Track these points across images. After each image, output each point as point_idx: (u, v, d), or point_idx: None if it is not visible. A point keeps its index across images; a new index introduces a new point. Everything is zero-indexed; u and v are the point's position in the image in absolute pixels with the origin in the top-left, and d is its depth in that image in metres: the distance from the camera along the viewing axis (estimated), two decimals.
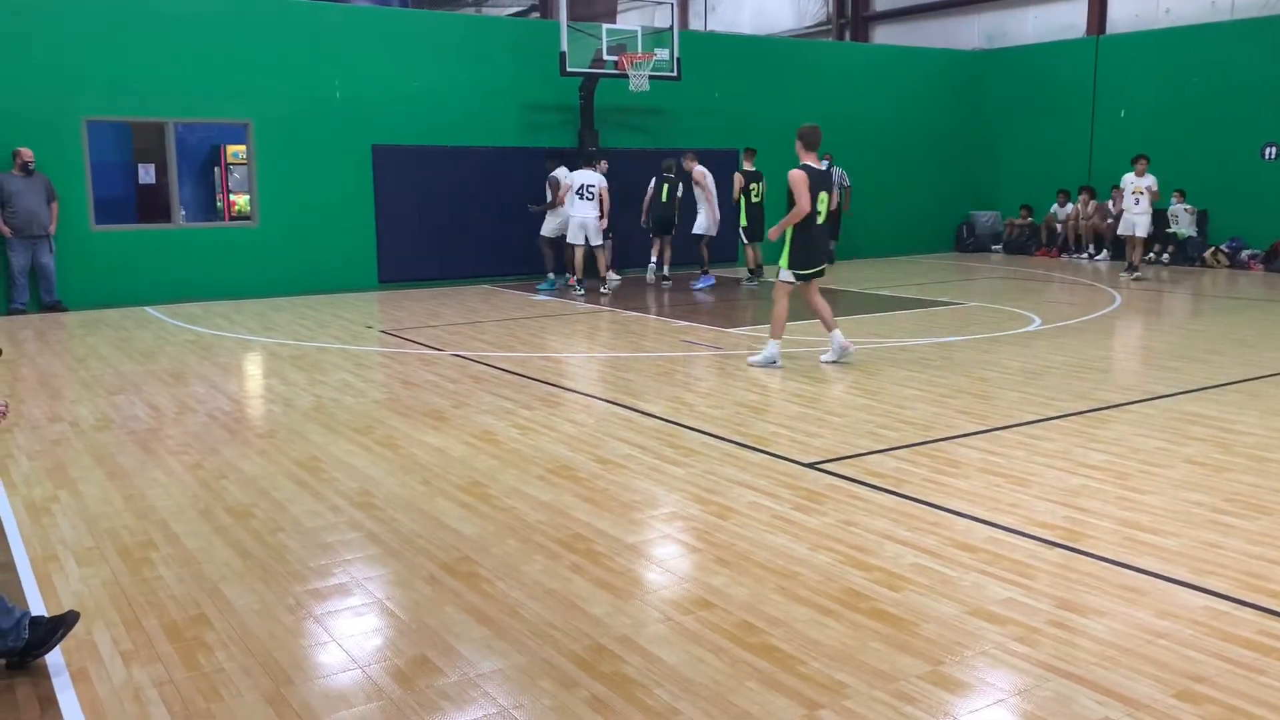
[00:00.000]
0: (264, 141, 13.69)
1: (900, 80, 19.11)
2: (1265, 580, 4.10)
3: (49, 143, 12.44)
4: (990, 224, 20.06)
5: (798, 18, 24.09)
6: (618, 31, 15.53)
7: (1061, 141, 19.08)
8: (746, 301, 13.27)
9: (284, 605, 3.96)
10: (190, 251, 13.48)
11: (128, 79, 12.82)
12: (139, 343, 10.16)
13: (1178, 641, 3.57)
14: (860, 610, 3.85)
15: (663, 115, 16.57)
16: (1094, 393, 7.54)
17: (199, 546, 4.60)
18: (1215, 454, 5.92)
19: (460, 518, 4.94)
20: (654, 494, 5.31)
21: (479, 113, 15.10)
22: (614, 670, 3.41)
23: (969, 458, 5.89)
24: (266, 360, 9.32)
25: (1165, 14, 17.96)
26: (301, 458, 6.02)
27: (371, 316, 12.02)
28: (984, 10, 20.72)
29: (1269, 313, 11.81)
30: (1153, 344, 9.63)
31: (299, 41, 13.81)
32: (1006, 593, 4.00)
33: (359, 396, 7.69)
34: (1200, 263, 16.67)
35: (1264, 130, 16.27)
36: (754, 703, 3.19)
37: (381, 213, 14.55)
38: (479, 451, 6.11)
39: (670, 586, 4.14)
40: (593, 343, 10.19)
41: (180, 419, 7.01)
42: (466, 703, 3.22)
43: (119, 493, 5.38)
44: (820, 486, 5.39)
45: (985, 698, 3.22)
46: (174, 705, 3.21)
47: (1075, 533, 4.65)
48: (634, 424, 6.75)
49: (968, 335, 10.18)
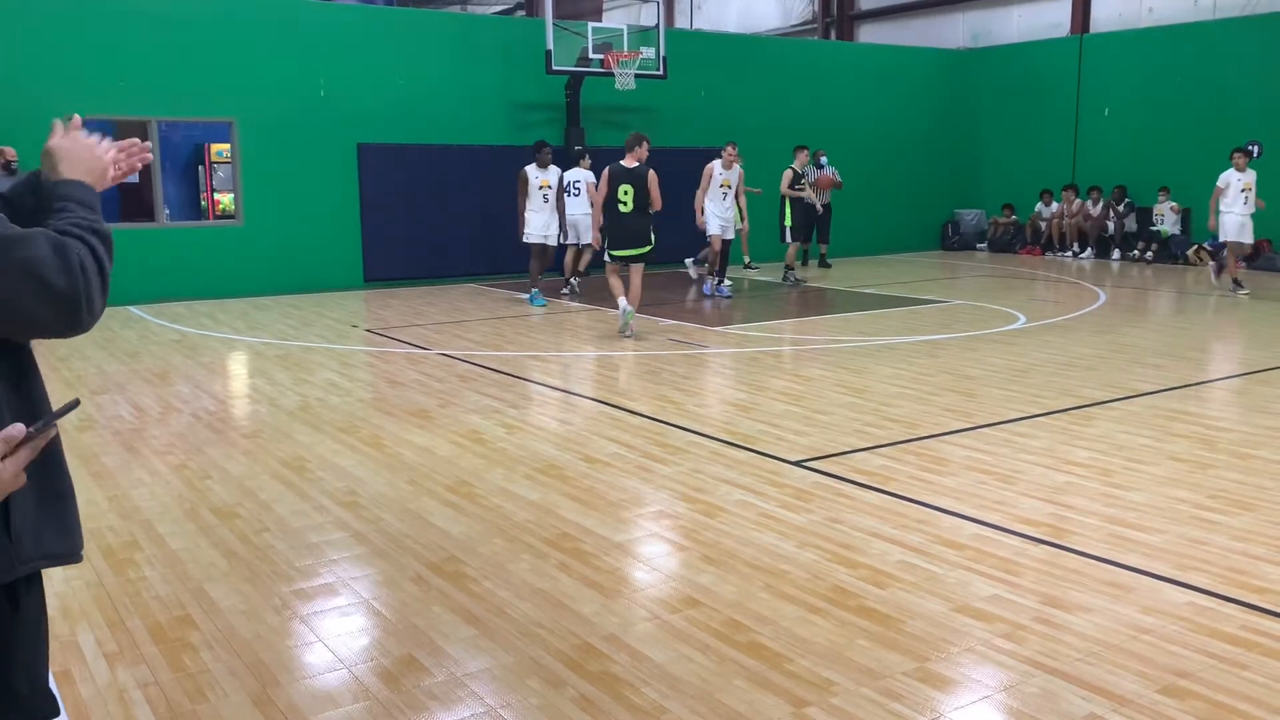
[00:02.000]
0: (248, 140, 13.63)
1: (886, 79, 19.15)
2: (1249, 576, 4.13)
3: (30, 142, 12.33)
4: (975, 222, 20.14)
5: (784, 16, 24.11)
6: (604, 30, 15.53)
7: (1046, 140, 19.16)
8: (744, 301, 13.28)
9: (270, 605, 3.94)
10: (174, 250, 13.40)
11: (110, 76, 12.74)
12: (123, 342, 10.10)
13: (1162, 637, 3.59)
14: (847, 608, 3.86)
15: (649, 114, 16.56)
16: (1079, 390, 7.57)
17: (184, 547, 4.57)
18: (1199, 451, 5.95)
19: (447, 517, 4.93)
20: (641, 492, 5.31)
21: (464, 111, 15.06)
22: (601, 669, 3.41)
23: (955, 455, 5.91)
24: (251, 360, 9.28)
25: (1149, 13, 18.05)
26: (287, 457, 6.00)
27: (357, 315, 11.98)
28: (969, 9, 20.78)
29: (1252, 311, 11.88)
30: (1137, 342, 9.69)
31: (283, 39, 13.74)
32: (992, 589, 4.02)
33: (345, 396, 7.66)
34: (1183, 260, 16.76)
35: (1247, 129, 16.35)
36: (741, 701, 3.19)
37: (367, 211, 14.50)
38: (466, 451, 6.10)
39: (658, 585, 4.14)
40: (580, 341, 10.19)
41: (165, 419, 6.98)
42: (454, 702, 3.21)
43: (103, 493, 5.35)
44: (807, 484, 5.40)
45: (971, 694, 3.23)
46: (159, 706, 3.19)
47: (1060, 529, 4.67)
48: (621, 423, 6.75)
49: (953, 333, 10.21)
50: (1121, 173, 17.94)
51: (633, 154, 10.50)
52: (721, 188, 13.01)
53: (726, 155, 13.07)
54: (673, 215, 15.29)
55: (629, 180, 10.43)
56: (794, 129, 17.81)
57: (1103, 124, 18.31)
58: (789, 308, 12.64)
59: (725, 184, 13.02)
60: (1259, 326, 10.61)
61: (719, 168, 12.96)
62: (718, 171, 12.94)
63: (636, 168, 10.44)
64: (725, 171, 13.00)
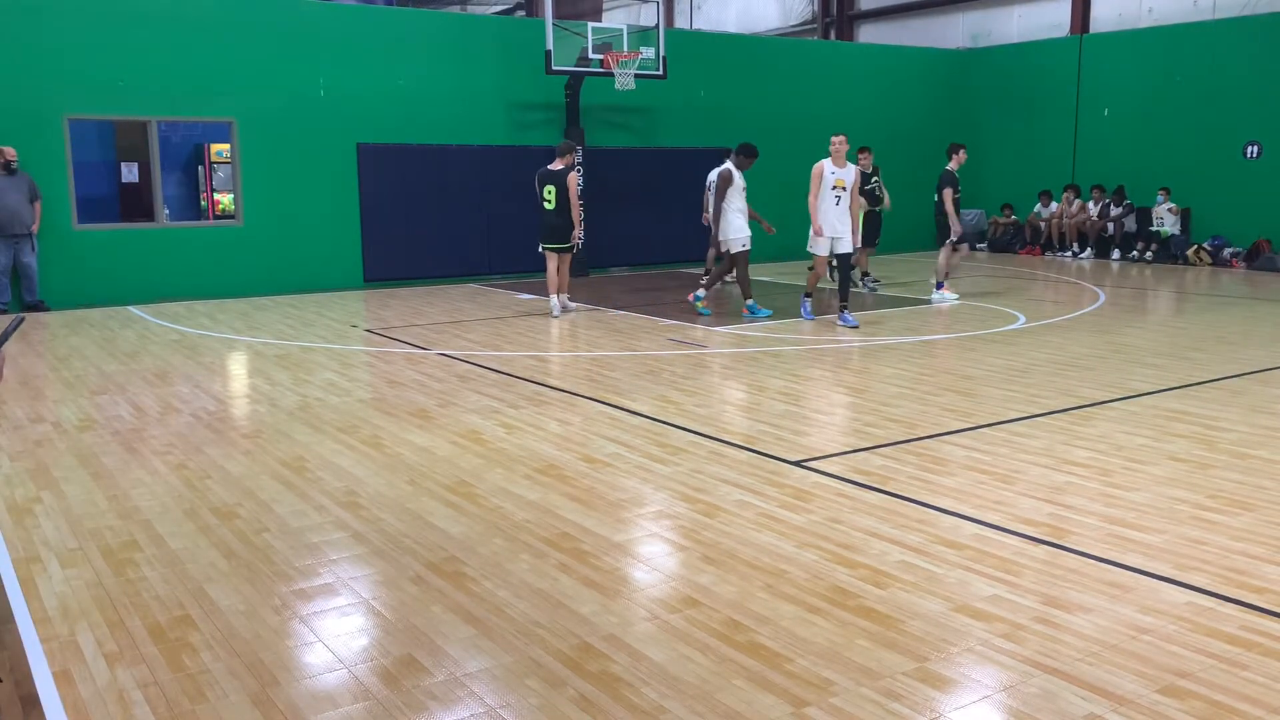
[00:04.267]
0: (248, 140, 13.63)
1: (885, 79, 19.16)
2: (1248, 576, 4.13)
3: (31, 141, 12.35)
4: (975, 222, 20.13)
5: (783, 16, 24.11)
6: (603, 30, 15.53)
7: (1046, 140, 19.17)
8: (741, 300, 13.28)
9: (270, 605, 3.94)
10: (174, 250, 13.40)
11: (111, 77, 12.74)
12: (122, 342, 10.10)
13: (1162, 637, 3.59)
14: (847, 608, 3.86)
15: (648, 114, 16.57)
16: (1078, 390, 7.57)
17: (183, 547, 4.57)
18: (1198, 451, 5.95)
19: (446, 517, 4.93)
20: (641, 492, 5.31)
21: (464, 111, 15.07)
22: (601, 669, 3.41)
23: (954, 455, 5.91)
24: (251, 360, 9.28)
25: (1148, 13, 18.06)
26: (287, 457, 6.00)
27: (357, 315, 11.98)
28: (969, 9, 20.79)
29: (1251, 310, 11.89)
30: (1136, 342, 9.69)
31: (283, 39, 13.75)
32: (992, 589, 4.02)
33: (344, 396, 7.66)
34: (1183, 260, 16.77)
35: (1246, 129, 16.38)
36: (741, 701, 3.19)
37: (366, 211, 14.50)
38: (465, 451, 6.10)
39: (657, 585, 4.14)
40: (579, 341, 10.19)
41: (164, 419, 6.98)
42: (453, 702, 3.21)
43: (103, 493, 5.35)
44: (807, 484, 5.40)
45: (971, 694, 3.23)
46: (159, 706, 3.19)
47: (1060, 529, 4.67)
48: (621, 423, 6.75)
49: (953, 333, 10.21)
50: (1121, 173, 17.95)
51: (562, 159, 11.48)
52: (834, 190, 10.50)
53: (836, 148, 10.55)
54: (674, 215, 15.38)
55: (551, 181, 11.46)
56: (794, 129, 17.83)
57: (1102, 124, 18.32)
58: (790, 308, 12.63)
59: (839, 184, 10.49)
60: (1259, 326, 10.61)
61: (828, 166, 10.57)
62: (827, 171, 10.55)
63: (559, 170, 11.36)
64: (837, 170, 10.54)
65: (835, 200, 10.57)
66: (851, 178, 10.63)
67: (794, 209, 17.05)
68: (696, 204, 17.11)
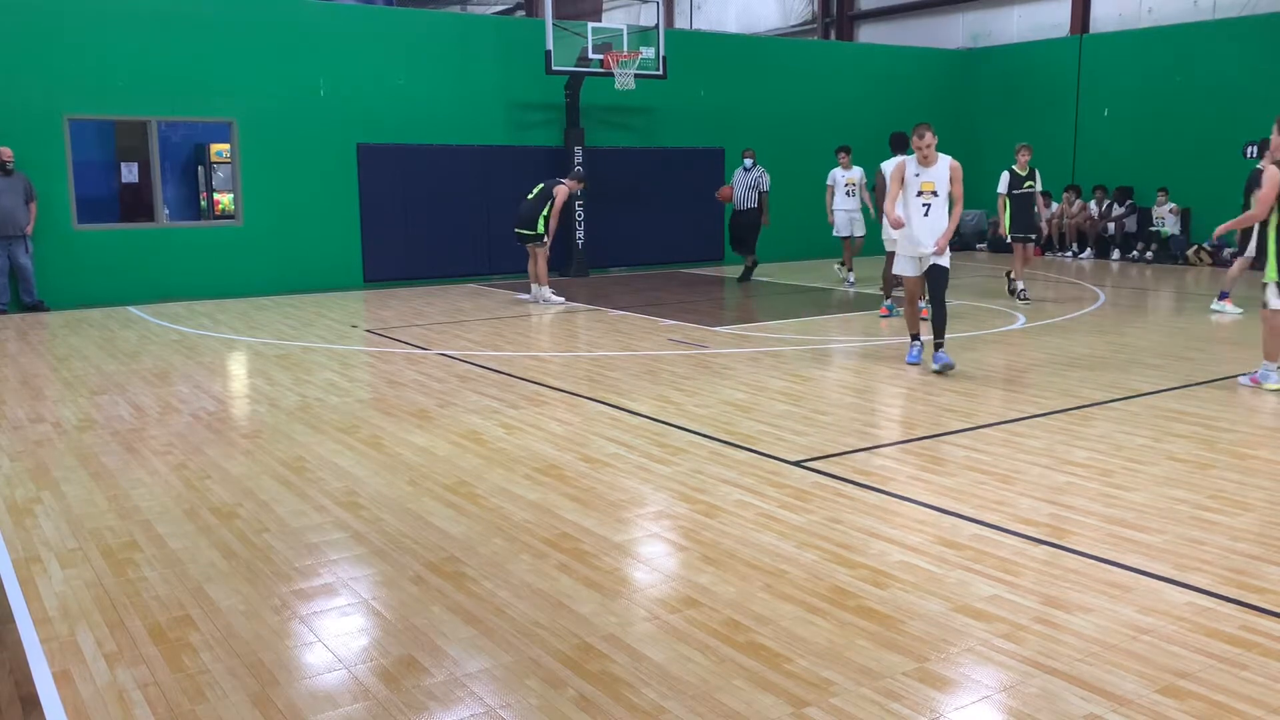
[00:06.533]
0: (248, 140, 13.63)
1: (885, 79, 19.15)
2: (1248, 576, 4.13)
3: (30, 141, 12.35)
4: (975, 222, 20.13)
5: (783, 16, 24.12)
6: (603, 30, 15.54)
7: (1046, 140, 19.14)
8: (740, 300, 13.28)
9: (269, 606, 3.94)
10: (174, 250, 13.41)
11: (110, 77, 12.74)
12: (122, 342, 10.10)
13: (1162, 637, 3.59)
14: (847, 608, 3.86)
15: (648, 114, 16.57)
16: (1078, 390, 7.57)
17: (183, 547, 4.57)
18: (1198, 451, 5.95)
19: (446, 517, 4.93)
20: (641, 493, 5.31)
21: (464, 111, 15.07)
22: (601, 669, 3.41)
23: (954, 455, 5.91)
24: (251, 360, 9.28)
25: (1148, 13, 18.06)
26: (287, 458, 6.00)
27: (357, 316, 11.98)
28: (969, 9, 20.79)
29: (1250, 310, 11.87)
30: (1136, 342, 9.69)
31: (283, 39, 13.75)
32: (992, 590, 4.02)
33: (344, 396, 7.66)
34: (1183, 261, 16.77)
35: (1245, 129, 16.36)
36: (741, 701, 3.19)
37: (366, 211, 14.51)
38: (465, 451, 6.10)
39: (657, 585, 4.14)
40: (579, 341, 10.19)
41: (164, 419, 6.98)
42: (453, 703, 3.21)
43: (102, 493, 5.35)
44: (806, 484, 5.40)
45: (971, 694, 3.23)
46: (158, 707, 3.19)
47: (1060, 530, 4.67)
48: (621, 423, 6.75)
49: (953, 334, 10.21)
50: (1121, 173, 17.95)
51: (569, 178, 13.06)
52: (920, 196, 8.37)
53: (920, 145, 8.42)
54: (674, 215, 15.38)
55: (545, 183, 12.88)
56: (794, 129, 17.84)
57: (1102, 124, 18.31)
58: (790, 308, 12.62)
59: (926, 188, 8.36)
60: (1258, 326, 10.59)
61: (911, 166, 8.52)
62: (910, 173, 8.48)
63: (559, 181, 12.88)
64: (924, 171, 8.42)
65: (924, 210, 8.32)
66: (944, 177, 8.40)
67: (794, 209, 17.13)
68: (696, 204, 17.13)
